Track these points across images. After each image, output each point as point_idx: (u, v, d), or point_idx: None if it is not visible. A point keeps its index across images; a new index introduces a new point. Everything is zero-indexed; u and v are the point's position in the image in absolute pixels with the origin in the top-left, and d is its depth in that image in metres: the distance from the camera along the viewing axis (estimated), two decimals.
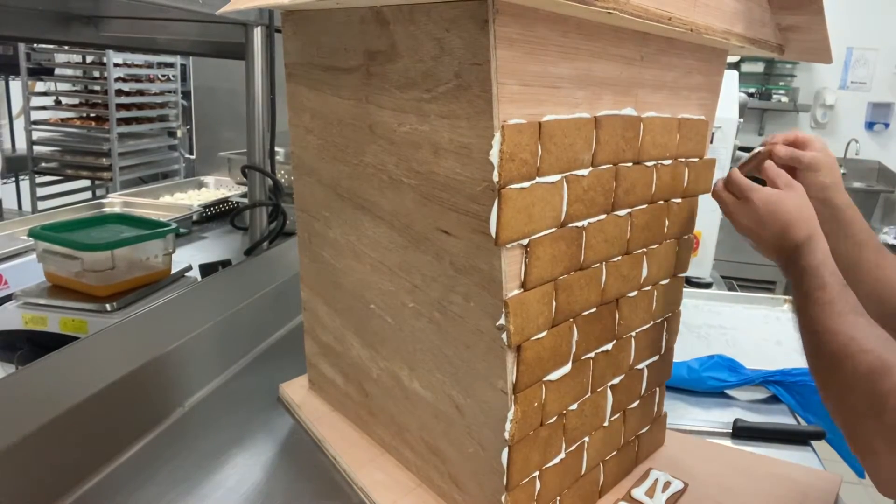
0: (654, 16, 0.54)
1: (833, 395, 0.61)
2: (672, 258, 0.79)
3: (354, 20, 0.66)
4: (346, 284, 0.82)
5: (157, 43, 1.57)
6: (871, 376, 0.56)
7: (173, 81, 3.42)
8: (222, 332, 1.07)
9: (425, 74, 0.58)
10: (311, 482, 0.80)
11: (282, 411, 0.96)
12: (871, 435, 0.56)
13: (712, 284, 1.63)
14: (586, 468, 0.73)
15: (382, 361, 0.78)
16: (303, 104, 0.81)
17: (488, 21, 0.49)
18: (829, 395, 0.62)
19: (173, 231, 1.23)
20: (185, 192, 2.10)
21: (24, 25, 1.22)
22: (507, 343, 0.57)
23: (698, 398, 1.06)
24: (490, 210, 0.54)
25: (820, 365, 0.63)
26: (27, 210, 3.46)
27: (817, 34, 0.74)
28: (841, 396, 0.60)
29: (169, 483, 0.78)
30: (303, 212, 0.88)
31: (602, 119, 0.61)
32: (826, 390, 0.62)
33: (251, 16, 1.19)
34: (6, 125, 3.76)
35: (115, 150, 3.02)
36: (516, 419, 0.60)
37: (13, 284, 1.20)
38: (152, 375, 0.91)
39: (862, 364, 0.57)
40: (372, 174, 0.70)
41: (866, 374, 0.56)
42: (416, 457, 0.77)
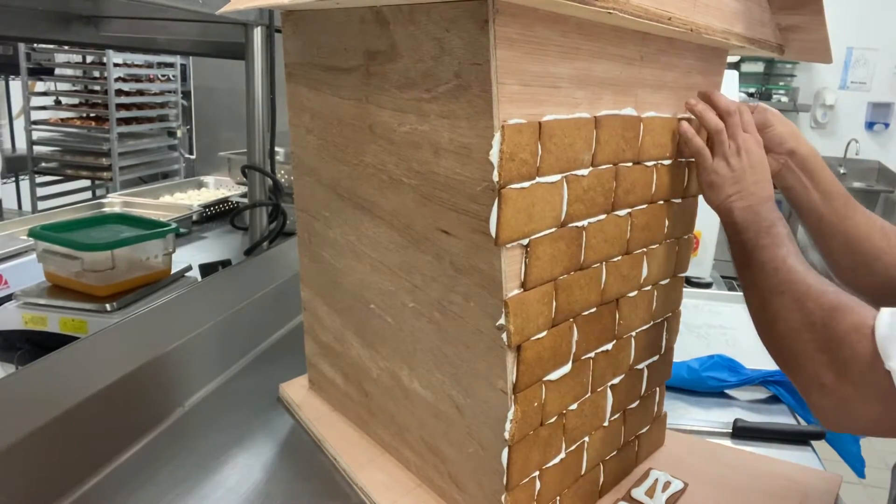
0: (654, 16, 0.54)
1: (786, 331, 0.63)
2: (672, 258, 0.79)
3: (354, 20, 0.66)
4: (346, 284, 0.82)
5: (157, 43, 1.57)
6: (833, 313, 0.59)
7: (173, 81, 3.42)
8: (222, 332, 1.07)
9: (425, 74, 0.58)
10: (311, 482, 0.80)
11: (282, 411, 0.96)
12: (821, 369, 0.59)
13: (712, 284, 1.63)
14: (586, 468, 0.73)
15: (382, 361, 0.78)
16: (303, 104, 0.81)
17: (488, 21, 0.49)
18: (778, 331, 0.64)
19: (173, 231, 1.23)
20: (185, 192, 2.10)
21: (24, 25, 1.22)
22: (507, 343, 0.57)
23: (698, 398, 1.06)
24: (490, 210, 0.54)
25: (777, 302, 0.64)
26: (27, 210, 3.46)
27: (817, 34, 0.74)
28: (796, 331, 0.62)
29: (169, 483, 0.78)
30: (303, 212, 0.88)
31: (602, 119, 0.61)
32: (775, 325, 0.64)
33: (251, 16, 1.19)
34: (6, 125, 3.77)
35: (115, 150, 3.02)
36: (516, 419, 0.60)
37: (13, 284, 1.20)
38: (152, 375, 0.91)
39: (826, 302, 0.60)
40: (372, 174, 0.70)
41: (829, 310, 0.59)
42: (416, 457, 0.77)
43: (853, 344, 0.56)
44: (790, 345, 0.63)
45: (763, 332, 0.67)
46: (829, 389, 0.58)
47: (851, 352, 0.56)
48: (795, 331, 0.62)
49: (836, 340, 0.58)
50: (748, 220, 0.69)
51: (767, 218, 0.68)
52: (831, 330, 0.58)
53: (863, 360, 0.55)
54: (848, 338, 0.57)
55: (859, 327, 0.56)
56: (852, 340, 0.56)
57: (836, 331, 0.58)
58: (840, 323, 0.58)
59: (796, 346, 0.62)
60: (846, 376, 0.57)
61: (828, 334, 0.59)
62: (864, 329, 0.56)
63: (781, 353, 0.65)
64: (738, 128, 0.71)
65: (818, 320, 0.60)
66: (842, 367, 0.57)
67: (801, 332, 0.61)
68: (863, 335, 0.56)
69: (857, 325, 0.57)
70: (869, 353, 0.55)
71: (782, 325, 0.64)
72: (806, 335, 0.60)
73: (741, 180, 0.70)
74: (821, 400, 0.60)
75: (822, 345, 0.59)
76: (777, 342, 0.65)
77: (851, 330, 0.57)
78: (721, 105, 0.72)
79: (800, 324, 0.61)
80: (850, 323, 0.57)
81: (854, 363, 0.56)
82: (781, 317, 0.64)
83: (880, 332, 0.55)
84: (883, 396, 0.54)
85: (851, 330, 0.57)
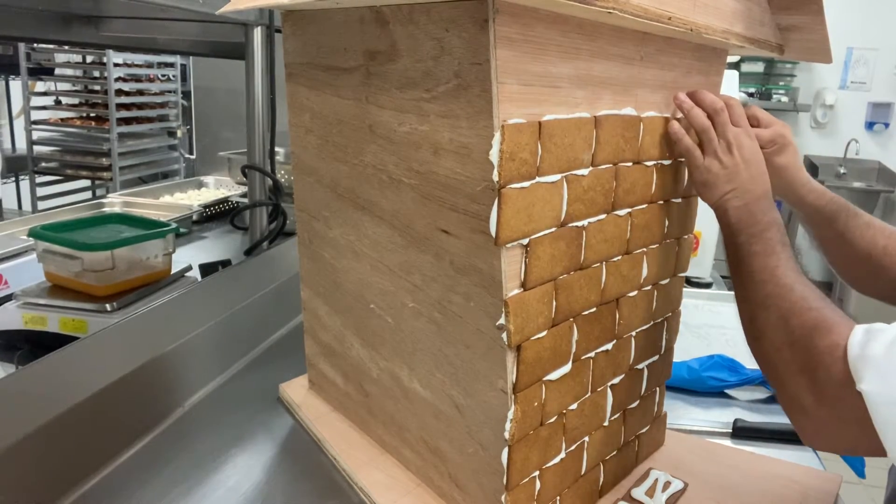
0: (654, 16, 0.54)
1: (770, 349, 0.61)
2: (672, 258, 0.79)
3: (354, 20, 0.66)
4: (346, 284, 0.82)
5: (157, 43, 1.57)
6: (812, 333, 0.57)
7: (173, 81, 3.42)
8: (222, 332, 1.07)
9: (425, 74, 0.58)
10: (311, 482, 0.80)
11: (282, 411, 0.96)
12: (801, 391, 0.57)
13: (712, 284, 1.63)
14: (586, 468, 0.73)
15: (382, 361, 0.78)
16: (303, 104, 0.81)
17: (488, 21, 0.49)
18: (764, 348, 0.62)
19: (173, 231, 1.22)
20: (185, 192, 2.10)
21: (24, 25, 1.22)
22: (507, 343, 0.57)
23: (698, 398, 1.06)
24: (490, 210, 0.54)
25: (763, 317, 0.62)
26: (27, 210, 3.46)
27: (817, 34, 0.74)
28: (778, 350, 0.60)
29: (169, 483, 0.78)
30: (303, 212, 0.88)
31: (602, 119, 0.61)
32: (761, 342, 0.62)
33: (251, 16, 1.19)
34: (6, 125, 3.77)
35: (115, 150, 3.02)
36: (516, 419, 0.60)
37: (13, 284, 1.20)
38: (152, 375, 0.91)
39: (808, 320, 0.58)
40: (372, 174, 0.70)
41: (809, 330, 0.57)
42: (415, 457, 0.77)
43: (828, 366, 0.55)
44: (774, 363, 0.61)
45: (751, 345, 0.65)
46: (809, 411, 0.57)
47: (826, 374, 0.55)
48: (778, 349, 0.60)
49: (814, 362, 0.56)
50: (742, 222, 0.67)
51: (761, 220, 0.66)
52: (810, 351, 0.56)
53: (836, 382, 0.54)
54: (823, 359, 0.55)
55: (834, 348, 0.54)
56: (827, 362, 0.55)
57: (813, 352, 0.56)
58: (818, 343, 0.56)
59: (779, 366, 0.60)
60: (823, 399, 0.55)
61: (807, 355, 0.57)
62: (838, 350, 0.54)
63: (766, 369, 0.63)
64: (727, 124, 0.69)
65: (799, 339, 0.58)
66: (819, 389, 0.56)
67: (784, 352, 0.59)
68: (836, 357, 0.54)
69: (833, 345, 0.55)
70: (842, 375, 0.53)
71: (767, 342, 0.62)
72: (788, 354, 0.59)
73: (735, 177, 0.68)
74: (801, 421, 0.59)
75: (802, 366, 0.57)
76: (762, 358, 0.63)
77: (826, 351, 0.55)
78: (707, 102, 0.70)
79: (782, 342, 0.59)
80: (827, 344, 0.55)
81: (829, 386, 0.55)
82: (766, 334, 0.62)
83: (852, 353, 0.53)
84: (858, 419, 0.52)
85: (826, 351, 0.55)
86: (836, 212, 0.81)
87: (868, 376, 0.51)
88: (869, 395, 0.51)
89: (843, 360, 0.53)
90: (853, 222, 0.81)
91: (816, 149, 4.67)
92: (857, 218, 0.82)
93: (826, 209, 0.82)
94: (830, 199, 0.82)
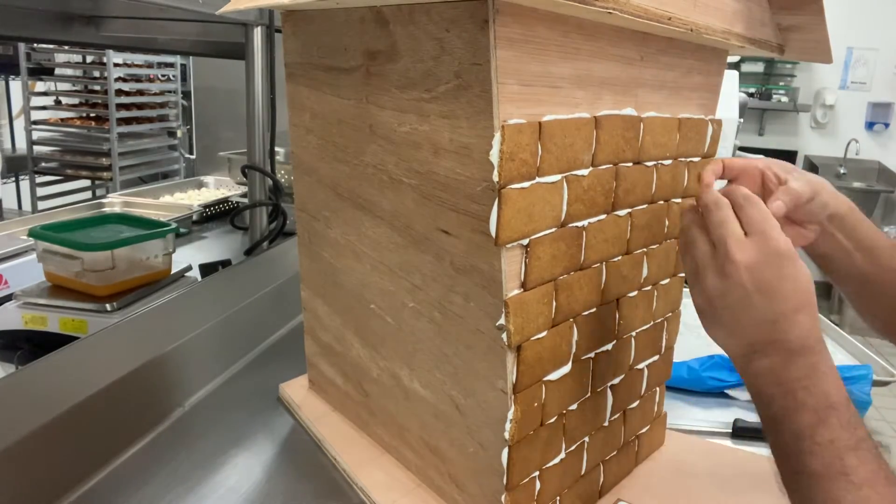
0: (654, 16, 0.54)
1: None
2: (672, 258, 0.79)
3: (354, 20, 0.66)
4: (346, 284, 0.82)
5: (157, 43, 1.57)
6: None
7: (173, 81, 3.42)
8: (222, 332, 1.07)
9: (425, 74, 0.58)
10: (311, 482, 0.80)
11: (282, 411, 0.96)
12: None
13: None
14: (586, 468, 0.73)
15: (382, 361, 0.78)
16: (303, 104, 0.81)
17: (488, 21, 0.49)
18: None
19: (173, 231, 1.23)
20: (185, 192, 2.10)
21: (24, 25, 1.22)
22: (507, 343, 0.57)
23: (698, 398, 1.06)
24: (490, 210, 0.54)
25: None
26: (27, 210, 3.46)
27: (817, 34, 0.74)
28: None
29: (169, 483, 0.78)
30: (303, 212, 0.88)
31: (602, 119, 0.61)
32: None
33: (251, 16, 1.19)
34: (6, 125, 3.77)
35: (115, 150, 3.02)
36: (516, 419, 0.60)
37: (13, 284, 1.20)
38: (152, 375, 0.91)
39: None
40: (372, 174, 0.70)
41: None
42: (415, 457, 0.77)
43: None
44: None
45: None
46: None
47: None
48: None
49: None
50: (774, 399, 0.44)
51: (808, 401, 0.42)
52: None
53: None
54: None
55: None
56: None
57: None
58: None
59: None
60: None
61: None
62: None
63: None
64: (725, 223, 0.47)
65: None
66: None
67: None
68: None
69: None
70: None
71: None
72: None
73: (731, 321, 0.47)
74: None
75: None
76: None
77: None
78: (702, 193, 0.50)
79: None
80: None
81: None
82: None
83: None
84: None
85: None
86: (891, 246, 0.63)
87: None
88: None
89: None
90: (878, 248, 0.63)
91: (816, 149, 4.67)
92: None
93: (883, 246, 0.62)
94: (884, 238, 0.63)
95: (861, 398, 0.97)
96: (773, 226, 0.46)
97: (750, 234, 0.46)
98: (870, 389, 0.99)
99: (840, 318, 3.94)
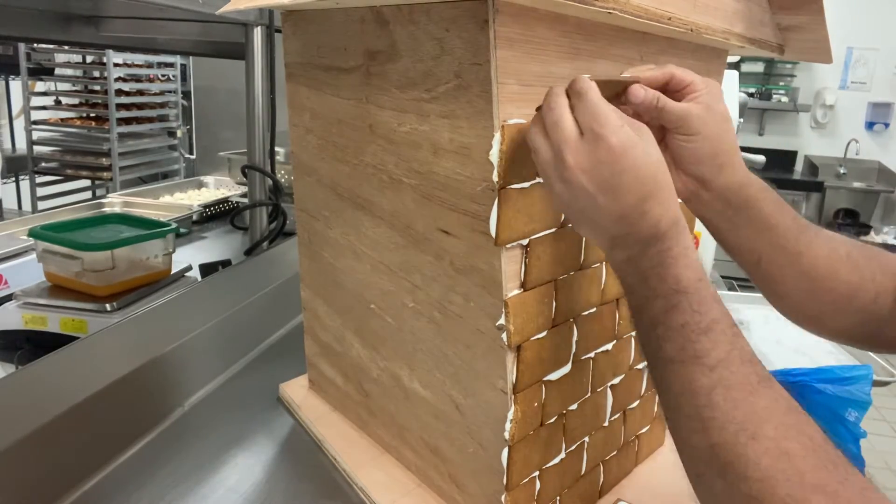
0: (654, 16, 0.54)
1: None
2: None
3: (354, 20, 0.66)
4: (346, 284, 0.82)
5: (157, 43, 1.57)
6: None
7: (173, 81, 3.43)
8: (222, 332, 1.07)
9: (425, 74, 0.58)
10: (311, 482, 0.80)
11: (282, 411, 0.96)
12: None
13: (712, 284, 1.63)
14: (586, 468, 0.73)
15: (382, 361, 0.78)
16: (303, 104, 0.81)
17: (488, 21, 0.49)
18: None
19: (173, 231, 1.23)
20: (185, 192, 2.10)
21: (24, 25, 1.22)
22: (507, 343, 0.57)
23: None
24: (490, 210, 0.54)
25: (711, 485, 0.39)
26: (27, 210, 3.46)
27: (817, 34, 0.74)
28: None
29: (169, 483, 0.78)
30: (303, 212, 0.88)
31: None
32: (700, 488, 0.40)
33: (251, 16, 1.19)
34: (6, 125, 3.77)
35: (115, 150, 3.02)
36: (516, 419, 0.60)
37: (13, 284, 1.21)
38: (152, 375, 0.91)
39: (766, 489, 0.35)
40: (372, 174, 0.70)
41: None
42: (416, 457, 0.77)
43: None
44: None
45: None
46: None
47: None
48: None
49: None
50: (635, 288, 0.45)
51: (659, 288, 0.42)
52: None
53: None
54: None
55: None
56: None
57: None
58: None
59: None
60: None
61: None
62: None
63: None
64: (558, 126, 0.45)
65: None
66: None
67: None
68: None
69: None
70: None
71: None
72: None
73: (587, 221, 0.46)
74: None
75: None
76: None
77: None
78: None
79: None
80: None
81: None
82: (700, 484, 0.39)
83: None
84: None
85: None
86: (797, 227, 0.57)
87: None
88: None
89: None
90: (815, 243, 0.58)
91: (816, 149, 4.67)
92: (814, 233, 0.59)
93: (778, 219, 0.56)
94: (777, 200, 0.57)
95: (861, 398, 0.97)
96: (603, 122, 0.44)
97: (584, 134, 0.45)
98: (870, 389, 0.99)
99: None
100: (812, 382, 0.91)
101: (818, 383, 0.91)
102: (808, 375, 0.93)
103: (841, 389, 0.91)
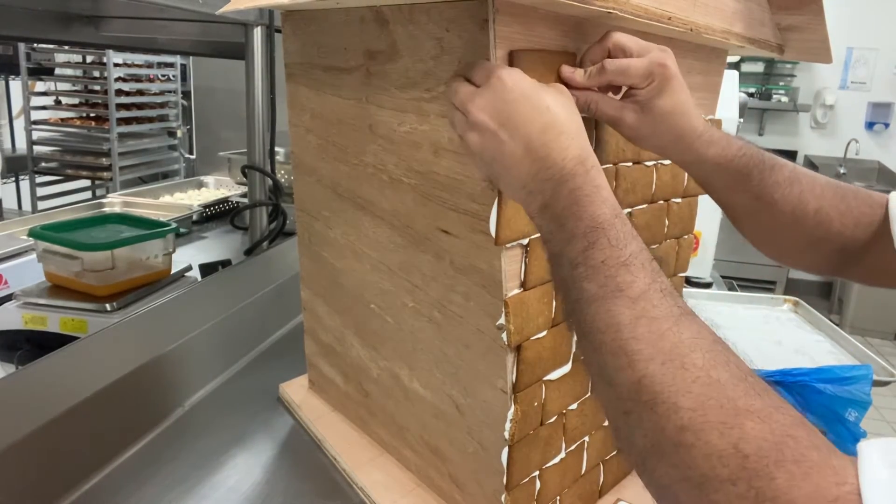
0: (654, 15, 0.54)
1: (664, 483, 0.36)
2: (672, 258, 0.79)
3: (354, 20, 0.66)
4: (346, 284, 0.82)
5: (157, 43, 1.57)
6: (764, 470, 0.32)
7: (173, 81, 3.42)
8: (222, 332, 1.07)
9: (425, 74, 0.58)
10: (311, 482, 0.80)
11: (282, 411, 0.96)
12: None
13: (712, 284, 1.63)
14: (586, 468, 0.73)
15: (382, 361, 0.78)
16: (303, 104, 0.81)
17: (488, 21, 0.49)
18: (651, 479, 0.37)
19: (173, 231, 1.23)
20: (185, 192, 2.10)
21: (24, 25, 1.23)
22: (507, 343, 0.57)
23: None
24: (490, 210, 0.54)
25: (627, 426, 0.38)
26: (27, 210, 3.46)
27: (817, 34, 0.74)
28: (679, 491, 0.35)
29: (169, 483, 0.78)
30: (303, 212, 0.88)
31: None
32: (644, 468, 0.38)
33: (251, 16, 1.19)
34: (6, 125, 3.77)
35: (115, 150, 3.02)
36: (516, 419, 0.60)
37: (13, 284, 1.20)
38: (152, 375, 0.91)
39: (743, 447, 0.33)
40: (372, 174, 0.70)
41: (755, 466, 0.32)
42: (416, 456, 0.77)
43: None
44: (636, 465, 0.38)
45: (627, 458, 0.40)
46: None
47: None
48: (676, 490, 0.35)
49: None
50: (553, 235, 0.44)
51: (577, 228, 0.42)
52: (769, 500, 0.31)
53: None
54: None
55: (830, 498, 0.30)
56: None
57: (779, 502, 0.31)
58: (787, 491, 0.31)
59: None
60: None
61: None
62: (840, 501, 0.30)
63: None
64: (458, 90, 0.48)
65: (730, 478, 0.32)
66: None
67: (692, 494, 0.34)
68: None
69: (825, 496, 0.30)
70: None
71: (655, 473, 0.36)
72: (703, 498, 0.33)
73: (502, 171, 0.46)
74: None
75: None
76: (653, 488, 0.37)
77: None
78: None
79: (682, 480, 0.34)
80: (808, 493, 0.31)
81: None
82: (648, 463, 0.37)
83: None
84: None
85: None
86: (747, 167, 0.57)
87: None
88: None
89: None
90: (772, 178, 0.58)
91: (816, 149, 4.66)
92: (776, 172, 0.58)
93: (733, 165, 0.57)
94: (739, 150, 0.57)
95: (861, 398, 0.97)
96: (492, 68, 0.47)
97: (479, 86, 0.47)
98: (870, 389, 0.99)
99: (840, 318, 3.94)
100: (812, 382, 0.91)
101: (818, 383, 0.91)
102: (808, 375, 0.93)
103: (841, 389, 0.91)
